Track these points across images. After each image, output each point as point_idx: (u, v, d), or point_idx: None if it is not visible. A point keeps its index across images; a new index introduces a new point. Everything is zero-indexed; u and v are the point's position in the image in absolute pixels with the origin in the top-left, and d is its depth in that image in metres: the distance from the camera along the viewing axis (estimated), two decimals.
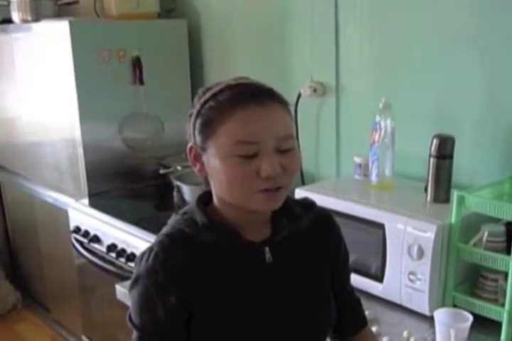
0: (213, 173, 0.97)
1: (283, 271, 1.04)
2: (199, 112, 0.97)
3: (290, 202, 1.06)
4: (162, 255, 0.97)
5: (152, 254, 0.98)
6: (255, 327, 1.01)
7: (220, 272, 1.00)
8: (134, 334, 1.01)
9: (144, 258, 0.98)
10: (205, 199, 1.04)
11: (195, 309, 0.98)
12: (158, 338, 1.00)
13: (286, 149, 0.95)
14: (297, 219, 1.06)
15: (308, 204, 1.11)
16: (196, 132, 0.97)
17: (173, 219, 1.04)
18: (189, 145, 1.01)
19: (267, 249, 1.02)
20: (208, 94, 0.97)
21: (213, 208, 1.03)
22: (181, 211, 1.05)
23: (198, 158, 1.00)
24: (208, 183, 1.03)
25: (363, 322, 1.23)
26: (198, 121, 0.97)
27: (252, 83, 0.98)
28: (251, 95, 0.94)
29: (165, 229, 1.03)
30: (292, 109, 1.24)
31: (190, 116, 0.99)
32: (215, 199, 1.03)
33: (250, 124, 0.92)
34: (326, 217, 1.14)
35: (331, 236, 1.13)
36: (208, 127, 0.95)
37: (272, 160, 0.92)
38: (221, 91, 0.96)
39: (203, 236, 0.99)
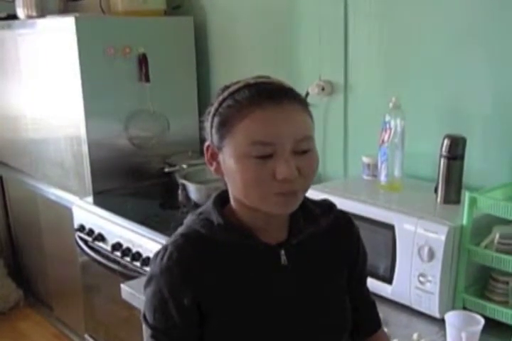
0: (229, 174, 0.95)
1: (299, 274, 1.02)
2: (217, 110, 0.94)
3: (309, 204, 1.04)
4: (176, 255, 0.96)
5: (166, 254, 0.97)
6: (269, 330, 0.99)
7: (235, 273, 0.99)
8: (148, 332, 1.01)
9: (159, 258, 0.98)
10: (222, 199, 1.02)
11: (209, 309, 0.97)
12: (171, 337, 0.99)
13: (304, 151, 0.92)
14: (315, 221, 1.04)
15: (327, 205, 1.09)
16: (213, 131, 0.95)
17: (189, 219, 1.03)
18: (206, 143, 0.99)
19: (282, 251, 1.01)
20: (227, 93, 0.94)
21: (230, 208, 1.01)
22: (198, 211, 1.03)
23: (214, 157, 0.98)
24: (225, 183, 1.00)
25: (377, 325, 1.21)
26: (216, 120, 0.94)
27: (272, 82, 0.95)
28: (270, 94, 0.91)
29: (180, 229, 1.02)
30: None
31: (208, 114, 0.97)
32: (231, 200, 1.01)
33: (268, 124, 0.90)
34: (345, 220, 1.11)
35: (349, 238, 1.11)
36: (225, 126, 0.92)
37: (289, 163, 0.90)
38: (239, 89, 0.93)
39: (218, 236, 0.98)
